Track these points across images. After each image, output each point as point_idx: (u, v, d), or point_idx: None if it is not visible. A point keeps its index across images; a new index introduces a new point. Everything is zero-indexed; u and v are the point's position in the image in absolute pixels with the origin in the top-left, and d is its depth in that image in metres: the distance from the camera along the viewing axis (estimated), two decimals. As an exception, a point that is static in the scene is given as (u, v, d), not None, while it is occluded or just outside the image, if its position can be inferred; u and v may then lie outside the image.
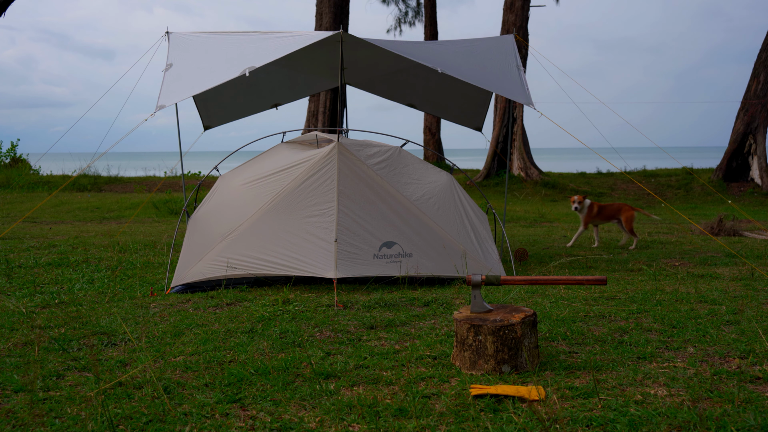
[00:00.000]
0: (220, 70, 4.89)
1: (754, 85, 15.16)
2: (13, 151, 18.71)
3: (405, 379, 2.73)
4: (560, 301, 4.18)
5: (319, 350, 3.15)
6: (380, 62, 6.33)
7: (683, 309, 3.94)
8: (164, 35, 5.58)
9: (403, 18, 23.94)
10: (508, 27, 16.67)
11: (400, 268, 4.65)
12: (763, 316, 3.68)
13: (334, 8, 16.08)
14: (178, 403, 2.47)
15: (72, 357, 3.04)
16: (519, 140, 17.09)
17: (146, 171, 20.57)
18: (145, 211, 11.30)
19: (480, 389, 2.52)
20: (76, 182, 15.69)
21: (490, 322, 2.79)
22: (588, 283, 2.98)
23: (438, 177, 5.16)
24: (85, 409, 2.39)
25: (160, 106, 4.76)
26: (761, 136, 15.20)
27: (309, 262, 4.48)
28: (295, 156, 4.91)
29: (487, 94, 6.70)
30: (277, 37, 5.12)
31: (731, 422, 2.18)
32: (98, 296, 4.45)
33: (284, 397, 2.52)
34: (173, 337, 3.40)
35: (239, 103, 7.08)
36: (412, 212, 4.83)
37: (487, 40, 6.21)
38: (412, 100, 7.40)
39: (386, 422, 2.27)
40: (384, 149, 5.02)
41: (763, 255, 6.11)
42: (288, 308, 4.03)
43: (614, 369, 2.82)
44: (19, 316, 3.85)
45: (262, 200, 4.74)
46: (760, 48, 15.20)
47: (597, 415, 2.29)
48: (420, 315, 3.88)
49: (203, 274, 4.64)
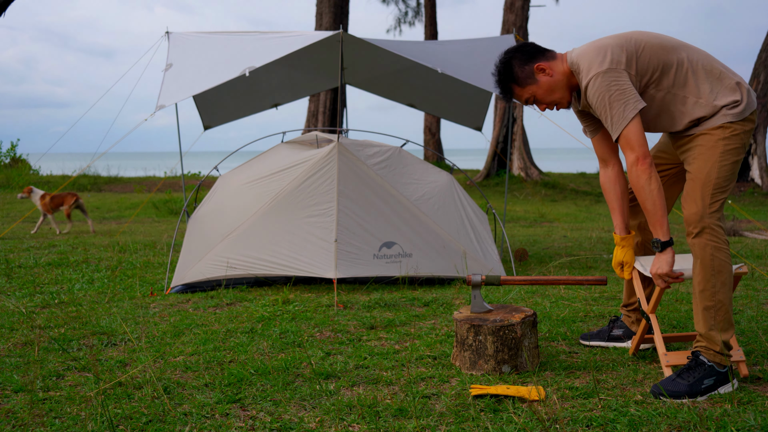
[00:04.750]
0: (220, 70, 4.89)
1: (754, 85, 15.15)
2: (13, 151, 18.72)
3: (405, 379, 2.73)
4: (560, 301, 4.19)
5: (319, 350, 3.15)
6: (380, 62, 6.33)
7: (683, 309, 3.94)
8: (164, 35, 5.58)
9: (403, 18, 23.95)
10: (508, 27, 16.67)
11: (400, 268, 4.65)
12: (763, 316, 3.68)
13: (334, 8, 16.08)
14: (178, 403, 2.47)
15: (72, 357, 3.04)
16: (519, 140, 17.10)
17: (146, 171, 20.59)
18: (145, 211, 11.31)
19: (480, 389, 2.52)
20: (76, 182, 15.69)
21: (490, 322, 2.79)
22: (588, 283, 2.98)
23: (438, 177, 5.16)
24: (85, 409, 2.39)
25: (160, 106, 4.76)
26: (761, 136, 15.19)
27: (309, 262, 4.48)
28: (295, 156, 4.91)
29: (487, 94, 6.69)
30: (277, 37, 5.12)
31: (731, 422, 2.18)
32: (98, 296, 4.45)
33: (284, 397, 2.52)
34: (173, 337, 3.40)
35: (239, 103, 7.08)
36: (412, 212, 4.83)
37: (487, 40, 6.20)
38: (412, 100, 7.40)
39: (386, 422, 2.27)
40: (384, 149, 5.02)
41: (763, 255, 6.11)
42: (288, 308, 4.03)
43: (614, 369, 2.83)
44: (19, 316, 3.85)
45: (262, 200, 4.74)
46: (760, 48, 15.20)
47: (597, 415, 2.29)
48: (420, 315, 3.88)
49: (203, 274, 4.64)
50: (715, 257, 2.46)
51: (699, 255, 2.49)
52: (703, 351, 2.52)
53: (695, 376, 2.47)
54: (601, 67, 2.55)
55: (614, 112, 2.53)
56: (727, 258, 2.48)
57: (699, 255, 2.49)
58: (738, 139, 2.54)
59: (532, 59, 2.72)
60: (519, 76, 2.73)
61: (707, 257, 2.47)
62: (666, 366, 2.65)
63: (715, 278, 2.46)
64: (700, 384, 2.45)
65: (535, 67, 2.71)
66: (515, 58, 2.74)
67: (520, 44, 2.79)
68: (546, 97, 2.74)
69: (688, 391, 2.44)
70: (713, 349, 2.49)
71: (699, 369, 2.48)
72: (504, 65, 2.75)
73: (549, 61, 2.72)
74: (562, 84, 2.72)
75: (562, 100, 2.76)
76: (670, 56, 2.61)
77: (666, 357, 2.66)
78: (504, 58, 2.76)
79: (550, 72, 2.71)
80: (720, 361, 2.48)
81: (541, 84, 2.71)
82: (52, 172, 18.54)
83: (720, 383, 2.48)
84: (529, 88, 2.73)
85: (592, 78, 2.56)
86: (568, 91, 2.74)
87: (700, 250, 2.48)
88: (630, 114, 2.51)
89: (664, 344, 2.75)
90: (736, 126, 2.54)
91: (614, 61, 2.56)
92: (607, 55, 2.57)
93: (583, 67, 2.61)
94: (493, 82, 2.81)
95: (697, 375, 2.47)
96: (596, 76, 2.55)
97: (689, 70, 2.60)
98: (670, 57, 2.61)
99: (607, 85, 2.53)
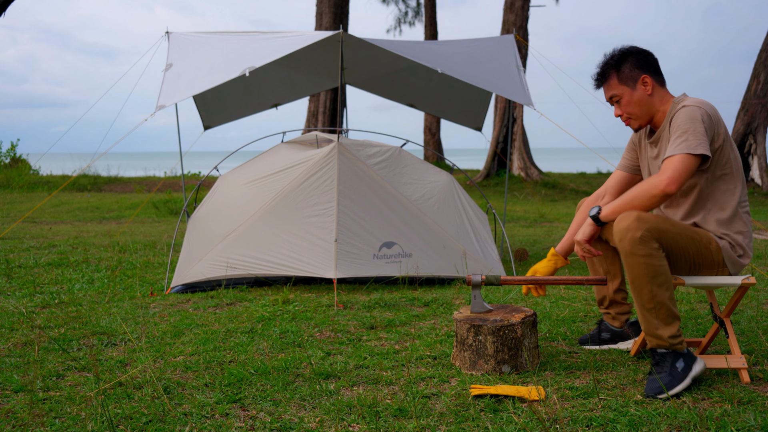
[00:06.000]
0: (220, 70, 4.89)
1: (754, 85, 15.15)
2: (13, 151, 18.72)
3: (405, 379, 2.73)
4: (560, 301, 4.19)
5: (319, 350, 3.15)
6: (380, 62, 6.34)
7: (683, 309, 3.94)
8: (164, 35, 5.58)
9: (403, 18, 23.94)
10: (508, 27, 16.67)
11: (400, 268, 4.65)
12: (763, 316, 3.68)
13: (334, 8, 16.08)
14: (178, 403, 2.47)
15: (72, 357, 3.04)
16: (519, 140, 17.09)
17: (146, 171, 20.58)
18: (145, 211, 11.30)
19: (480, 389, 2.52)
20: (76, 182, 15.69)
21: (489, 322, 2.79)
22: (588, 283, 2.98)
23: (438, 177, 5.16)
24: (85, 409, 2.39)
25: (160, 106, 4.76)
26: (761, 136, 15.19)
27: (309, 262, 4.48)
28: (295, 156, 4.91)
29: (487, 94, 6.70)
30: (277, 37, 5.12)
31: (731, 422, 2.18)
32: (98, 296, 4.45)
33: (284, 397, 2.52)
34: (173, 337, 3.40)
35: (239, 103, 7.08)
36: (412, 212, 4.83)
37: (487, 40, 6.21)
38: (412, 100, 7.40)
39: (386, 422, 2.27)
40: (384, 149, 5.02)
41: (763, 255, 6.11)
42: (288, 308, 4.03)
43: (614, 369, 2.83)
44: (19, 316, 3.85)
45: (262, 200, 4.74)
46: (760, 48, 15.19)
47: (597, 415, 2.29)
48: (420, 315, 3.88)
49: (203, 274, 4.64)
50: (649, 264, 2.48)
51: (631, 264, 2.51)
52: (657, 346, 2.56)
53: (667, 365, 2.51)
54: (703, 107, 2.62)
55: (688, 137, 2.56)
56: (662, 261, 2.49)
57: (631, 264, 2.51)
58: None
59: (646, 69, 2.76)
60: (625, 71, 2.76)
61: (640, 266, 2.48)
62: None
63: (651, 283, 2.49)
64: (676, 369, 2.50)
65: (642, 77, 2.75)
66: (634, 56, 2.77)
67: (645, 50, 2.81)
68: (629, 106, 2.78)
69: (672, 379, 2.48)
70: (662, 345, 2.53)
71: (665, 358, 2.53)
72: (621, 54, 2.78)
73: (656, 83, 2.77)
74: (650, 107, 2.76)
75: (638, 119, 2.80)
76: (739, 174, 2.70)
77: None
78: (625, 49, 2.79)
79: (650, 90, 2.75)
80: (677, 348, 2.53)
81: (635, 92, 2.75)
82: (52, 172, 18.53)
83: (690, 362, 2.53)
84: (623, 87, 2.77)
85: (693, 106, 2.61)
86: (648, 116, 2.79)
87: (633, 259, 2.50)
88: (697, 150, 2.54)
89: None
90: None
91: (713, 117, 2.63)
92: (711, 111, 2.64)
93: (690, 100, 2.67)
94: (601, 61, 2.82)
95: (668, 363, 2.52)
96: (698, 107, 2.61)
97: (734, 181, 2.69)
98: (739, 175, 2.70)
99: (700, 118, 2.58)
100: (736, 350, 2.69)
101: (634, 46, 2.80)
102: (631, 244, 2.47)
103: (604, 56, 2.81)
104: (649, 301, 2.50)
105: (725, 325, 2.76)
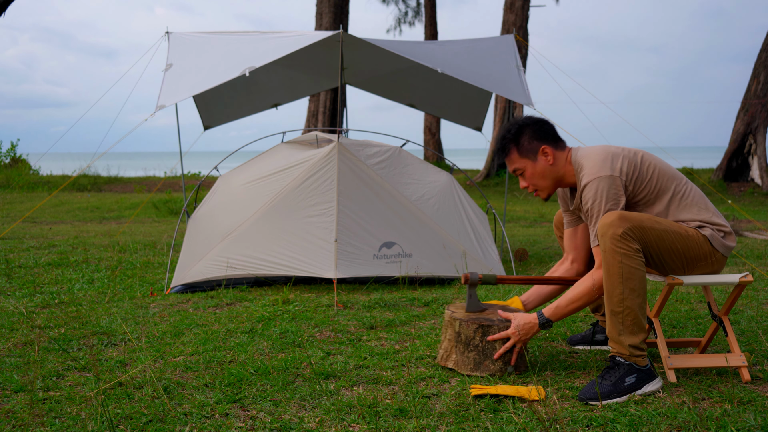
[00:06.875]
0: (220, 70, 4.89)
1: (754, 85, 15.16)
2: (13, 151, 18.72)
3: (405, 379, 2.73)
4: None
5: (319, 350, 3.15)
6: (380, 62, 6.34)
7: (683, 309, 3.94)
8: (164, 35, 5.58)
9: (403, 18, 23.95)
10: (508, 27, 16.67)
11: (400, 269, 4.65)
12: (763, 316, 3.68)
13: (334, 8, 16.08)
14: (178, 403, 2.47)
15: (72, 357, 3.04)
16: (519, 140, 17.08)
17: (146, 171, 20.58)
18: (145, 211, 11.31)
19: (480, 389, 2.52)
20: (76, 182, 15.69)
21: (497, 321, 2.78)
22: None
23: (438, 177, 5.16)
24: (85, 409, 2.39)
25: (160, 106, 4.76)
26: (761, 136, 15.19)
27: (309, 262, 4.48)
28: (295, 156, 4.91)
29: (487, 94, 6.70)
30: (277, 37, 5.12)
31: (731, 422, 2.18)
32: (98, 296, 4.45)
33: (284, 397, 2.52)
34: (173, 337, 3.40)
35: (239, 103, 7.08)
36: (412, 212, 4.83)
37: (487, 40, 6.21)
38: (412, 100, 7.40)
39: (386, 422, 2.27)
40: (384, 149, 5.02)
41: (763, 255, 6.11)
42: (288, 308, 4.03)
43: (614, 369, 2.82)
44: (19, 316, 3.85)
45: (262, 200, 4.74)
46: (760, 48, 15.20)
47: (597, 415, 2.29)
48: (420, 315, 3.88)
49: (203, 274, 4.64)
50: (624, 264, 2.47)
51: (608, 261, 2.50)
52: (617, 354, 2.54)
53: (616, 375, 2.49)
54: (603, 172, 2.60)
55: (599, 218, 2.57)
56: (638, 265, 2.48)
57: (608, 261, 2.50)
58: None
59: (544, 140, 2.78)
60: (524, 145, 2.78)
61: (616, 264, 2.47)
62: (669, 369, 2.65)
63: (623, 285, 2.47)
64: (623, 382, 2.48)
65: (542, 148, 2.76)
66: (530, 128, 2.79)
67: (541, 119, 2.84)
68: (533, 178, 2.80)
69: (612, 390, 2.46)
70: (622, 354, 2.51)
71: (618, 368, 2.51)
72: (517, 128, 2.80)
73: (556, 150, 2.78)
74: (554, 175, 2.78)
75: (545, 190, 2.83)
76: (669, 183, 2.68)
77: (669, 360, 2.66)
78: (520, 121, 2.82)
79: (551, 160, 2.76)
80: (636, 362, 2.51)
81: (537, 164, 2.78)
82: (52, 172, 18.54)
83: (644, 380, 2.50)
84: (525, 161, 2.79)
85: (594, 180, 2.61)
86: (555, 184, 2.82)
87: (610, 256, 2.48)
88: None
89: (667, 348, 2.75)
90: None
91: (618, 169, 2.61)
92: (614, 162, 2.62)
93: (587, 167, 2.66)
94: (499, 135, 2.86)
95: (617, 374, 2.49)
96: (599, 179, 2.59)
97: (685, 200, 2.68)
98: (670, 184, 2.68)
99: (606, 190, 2.58)
100: (735, 348, 2.69)
101: (529, 117, 2.83)
102: (611, 241, 2.46)
103: (501, 129, 2.84)
104: (618, 303, 2.48)
105: (724, 323, 2.76)
